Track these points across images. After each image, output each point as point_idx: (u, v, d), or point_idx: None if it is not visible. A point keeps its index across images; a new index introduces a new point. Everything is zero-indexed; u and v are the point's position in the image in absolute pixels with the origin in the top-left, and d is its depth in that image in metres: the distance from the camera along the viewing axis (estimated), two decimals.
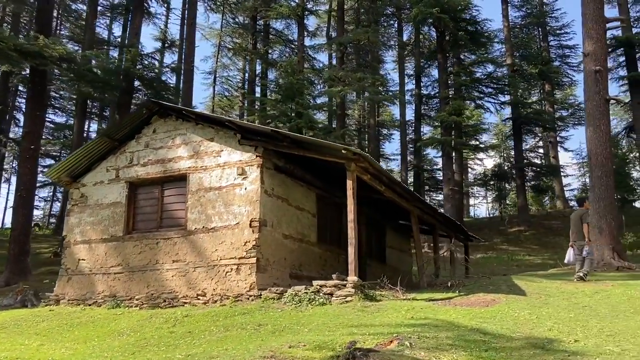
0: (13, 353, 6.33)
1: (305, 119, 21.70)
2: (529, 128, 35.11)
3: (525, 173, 34.34)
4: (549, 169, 35.39)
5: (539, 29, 38.16)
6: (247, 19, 31.37)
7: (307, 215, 10.36)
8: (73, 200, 10.64)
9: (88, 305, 9.63)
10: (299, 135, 9.05)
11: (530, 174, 35.28)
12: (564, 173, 46.88)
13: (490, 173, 35.27)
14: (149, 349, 6.11)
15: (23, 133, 19.11)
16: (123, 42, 27.87)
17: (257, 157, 9.03)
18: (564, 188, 43.87)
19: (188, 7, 26.81)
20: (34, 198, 19.04)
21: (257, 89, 32.79)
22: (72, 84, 20.98)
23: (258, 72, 31.78)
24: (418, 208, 11.17)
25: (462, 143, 27.63)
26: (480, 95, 31.81)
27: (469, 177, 46.99)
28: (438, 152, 34.18)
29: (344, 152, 8.06)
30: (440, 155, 28.21)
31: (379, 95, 24.67)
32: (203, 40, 36.62)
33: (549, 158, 38.25)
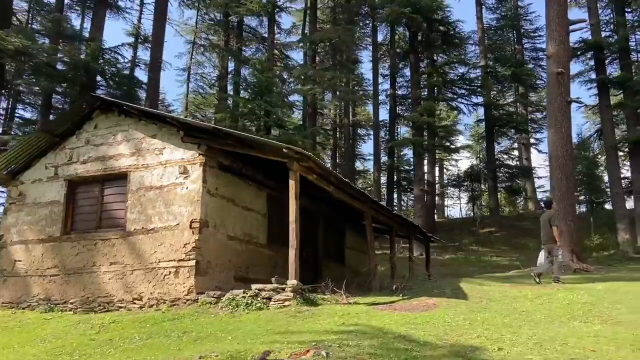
0: None
1: (273, 118, 21.36)
2: (502, 130, 35.38)
3: (498, 174, 34.62)
4: (521, 171, 35.72)
5: (514, 32, 38.47)
6: (220, 15, 30.84)
7: (256, 216, 10.04)
8: (10, 199, 10.12)
9: (22, 309, 9.15)
10: (242, 134, 8.73)
11: (503, 176, 35.58)
12: (537, 175, 47.54)
13: (464, 174, 35.39)
14: (61, 359, 5.72)
15: None
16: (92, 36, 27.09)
17: (200, 155, 8.68)
18: (536, 190, 44.48)
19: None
20: None
21: (230, 87, 32.33)
22: (30, 79, 20.23)
23: (231, 69, 31.32)
24: (373, 209, 10.95)
25: (433, 144, 27.62)
26: (454, 97, 31.97)
27: (445, 178, 47.30)
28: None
29: (285, 150, 7.77)
30: (412, 156, 28.15)
31: (350, 95, 24.42)
32: (177, 37, 35.98)
33: (523, 160, 38.66)
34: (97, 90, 21.38)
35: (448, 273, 19.03)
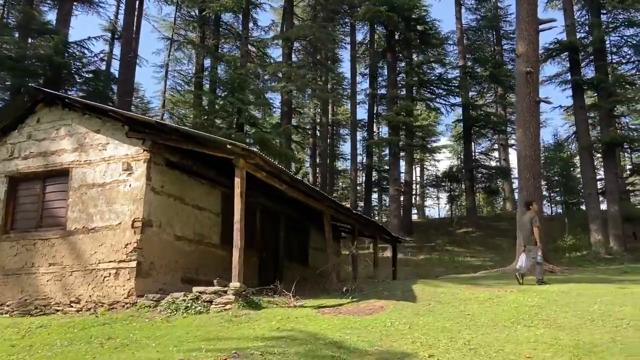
0: None
1: (245, 116, 20.97)
2: (481, 131, 35.46)
3: (476, 175, 34.67)
4: (499, 171, 35.85)
5: (493, 33, 38.56)
6: (195, 11, 30.30)
7: (208, 215, 9.67)
8: None
9: None
10: (187, 129, 8.39)
11: (482, 176, 35.65)
12: (515, 175, 47.82)
13: (442, 175, 35.38)
14: None
15: None
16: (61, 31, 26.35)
17: (144, 151, 8.28)
18: (514, 190, 44.72)
19: None
20: None
21: (208, 84, 31.80)
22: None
23: (208, 66, 30.80)
24: (332, 208, 10.66)
25: (410, 144, 27.48)
26: (432, 97, 31.90)
27: (425, 178, 47.32)
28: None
29: (229, 147, 7.43)
30: (382, 156, 27.98)
31: (326, 93, 24.13)
32: (159, 33, 35.32)
33: (501, 160, 38.82)
34: (63, 86, 20.79)
35: (417, 273, 18.87)
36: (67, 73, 18.65)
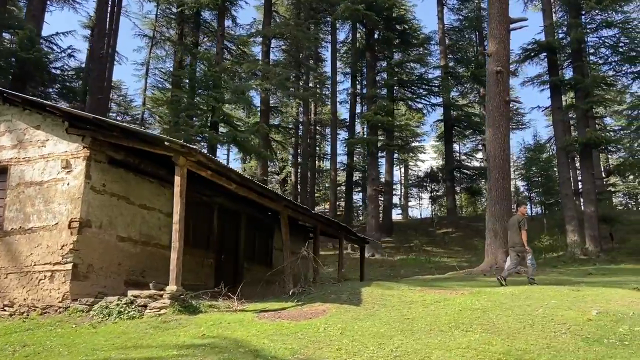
0: None
1: (219, 114, 20.63)
2: (462, 131, 35.42)
3: (458, 175, 34.61)
4: (481, 172, 35.80)
5: (476, 33, 38.54)
6: (173, 8, 29.85)
7: (158, 215, 9.34)
8: None
9: None
10: (126, 125, 8.06)
11: (463, 177, 35.60)
12: None
13: (423, 175, 35.29)
14: None
15: None
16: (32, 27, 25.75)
17: (84, 148, 7.94)
18: None
19: None
20: None
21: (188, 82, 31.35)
22: None
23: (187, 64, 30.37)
24: (289, 208, 10.39)
25: (388, 144, 27.31)
26: (413, 96, 31.77)
27: (409, 178, 47.22)
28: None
29: (167, 143, 7.12)
30: (366, 155, 27.79)
31: (303, 92, 23.85)
32: (137, 30, 34.79)
33: (484, 161, 38.83)
34: (30, 82, 20.26)
35: (389, 274, 18.71)
36: (33, 69, 18.11)
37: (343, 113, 39.38)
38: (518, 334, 5.49)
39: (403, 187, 45.59)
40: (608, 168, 26.94)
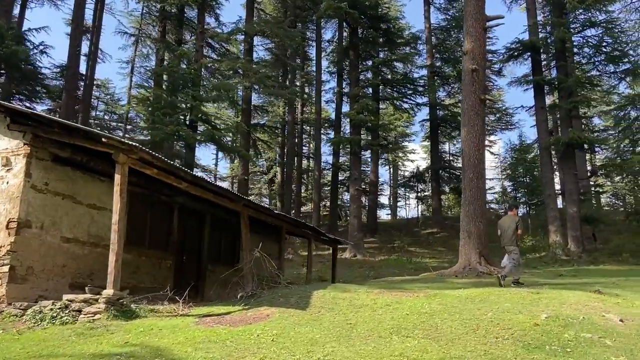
0: None
1: (197, 112, 20.30)
2: (450, 132, 35.21)
3: (444, 175, 34.39)
4: None
5: (464, 32, 38.15)
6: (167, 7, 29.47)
7: (109, 215, 8.89)
8: None
9: None
10: (66, 122, 7.74)
11: (451, 177, 35.37)
12: (488, 176, 47.82)
13: (409, 175, 35.08)
14: None
15: None
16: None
17: (25, 145, 7.61)
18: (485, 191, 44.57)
19: None
20: None
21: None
22: None
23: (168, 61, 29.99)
24: (250, 208, 10.09)
25: (373, 143, 27.06)
26: (399, 96, 31.52)
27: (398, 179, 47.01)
28: (364, 151, 33.70)
29: (105, 140, 6.80)
30: (349, 154, 27.52)
31: (282, 90, 23.55)
32: (125, 29, 34.37)
33: None
34: None
35: (367, 275, 18.44)
36: (5, 66, 17.71)
37: (332, 113, 39.18)
38: (458, 340, 5.22)
39: (392, 187, 45.42)
40: (591, 168, 26.81)
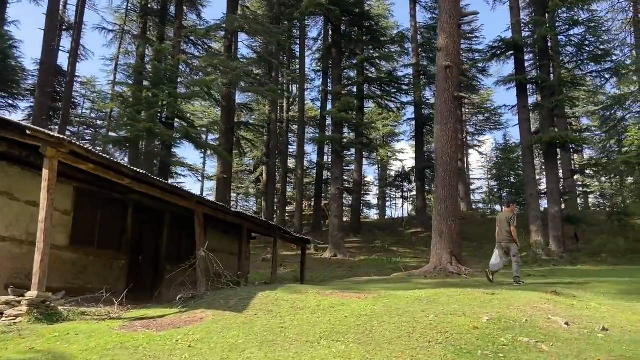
0: None
1: (172, 108, 19.91)
2: (433, 129, 34.97)
3: (431, 175, 34.17)
4: None
5: None
6: (152, 3, 29.04)
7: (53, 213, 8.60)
8: None
9: None
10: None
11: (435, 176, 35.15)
12: (475, 176, 47.70)
13: (395, 175, 34.84)
14: None
15: None
16: None
17: None
18: (472, 191, 44.49)
19: None
20: None
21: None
22: None
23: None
24: (206, 206, 9.73)
25: (352, 141, 26.77)
26: (383, 94, 31.25)
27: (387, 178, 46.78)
28: (349, 150, 33.41)
29: (29, 132, 6.43)
30: (331, 153, 27.20)
31: (260, 88, 23.20)
32: (104, 24, 33.89)
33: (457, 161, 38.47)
34: None
35: (342, 275, 18.12)
36: None
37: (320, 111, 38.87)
38: (388, 345, 4.90)
39: (379, 187, 45.21)
40: (572, 168, 26.66)
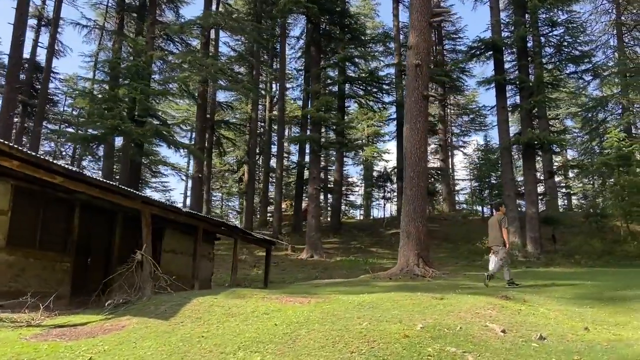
0: None
1: (143, 106, 19.46)
2: None
3: None
4: (436, 172, 35.31)
5: (435, 32, 37.97)
6: None
7: None
8: None
9: None
10: None
11: None
12: (459, 177, 47.62)
13: (377, 175, 34.66)
14: None
15: None
16: None
17: None
18: (456, 192, 44.40)
19: None
20: None
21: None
22: None
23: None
24: (154, 206, 9.35)
25: (330, 141, 26.47)
26: (365, 94, 30.98)
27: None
28: (331, 150, 33.12)
29: None
30: (309, 153, 26.87)
31: (235, 85, 22.82)
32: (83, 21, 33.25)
33: (439, 161, 38.39)
34: None
35: (314, 276, 17.82)
36: None
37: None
38: (307, 356, 4.59)
39: (364, 187, 44.96)
40: (548, 169, 26.61)
